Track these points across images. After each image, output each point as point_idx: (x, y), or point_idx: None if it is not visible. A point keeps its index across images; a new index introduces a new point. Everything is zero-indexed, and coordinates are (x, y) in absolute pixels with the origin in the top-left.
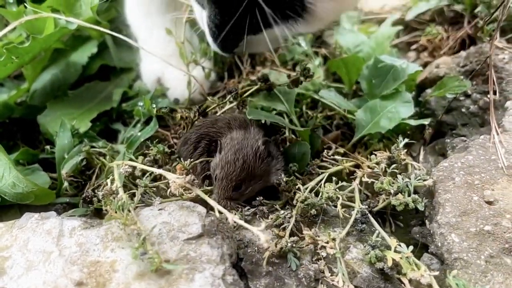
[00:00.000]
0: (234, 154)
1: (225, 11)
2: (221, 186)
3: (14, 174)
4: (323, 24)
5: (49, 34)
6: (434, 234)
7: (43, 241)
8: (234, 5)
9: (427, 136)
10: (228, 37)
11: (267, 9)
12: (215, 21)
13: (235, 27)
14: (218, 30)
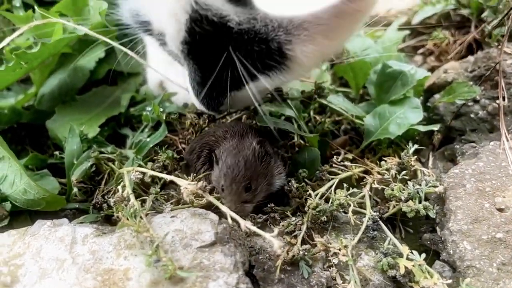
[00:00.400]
0: (234, 158)
1: (204, 68)
2: (231, 192)
3: (25, 180)
4: (306, 70)
5: (58, 40)
6: (446, 242)
7: (56, 248)
8: (212, 61)
9: (436, 141)
10: (211, 95)
11: (244, 62)
12: (196, 79)
13: (217, 83)
14: (200, 88)
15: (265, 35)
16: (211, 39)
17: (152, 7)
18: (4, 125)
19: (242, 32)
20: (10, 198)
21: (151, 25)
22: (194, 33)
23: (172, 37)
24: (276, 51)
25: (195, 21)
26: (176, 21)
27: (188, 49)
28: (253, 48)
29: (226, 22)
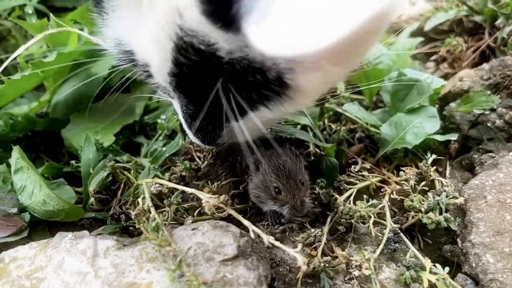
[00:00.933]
0: (277, 159)
1: (195, 100)
2: (291, 188)
3: (45, 191)
4: (312, 100)
5: (74, 49)
6: (468, 254)
7: (78, 261)
8: (203, 93)
9: (453, 150)
10: (206, 128)
11: (237, 94)
12: (188, 112)
13: (212, 115)
14: (193, 121)
15: (260, 64)
16: (200, 69)
17: (134, 35)
18: (18, 133)
19: (233, 62)
20: (28, 209)
21: (135, 55)
22: (181, 64)
23: (157, 69)
24: (275, 81)
25: (181, 50)
26: (161, 50)
27: (176, 81)
28: (247, 79)
29: (215, 51)
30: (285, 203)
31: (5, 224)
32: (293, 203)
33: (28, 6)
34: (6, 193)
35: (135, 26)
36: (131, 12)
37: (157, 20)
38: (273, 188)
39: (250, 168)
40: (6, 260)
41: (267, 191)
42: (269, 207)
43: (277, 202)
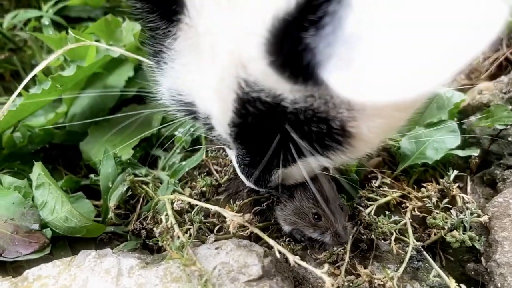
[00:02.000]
0: (313, 183)
1: (254, 150)
2: (333, 212)
3: (67, 208)
4: (372, 148)
5: (93, 63)
6: (493, 274)
7: (102, 281)
8: (263, 143)
9: (473, 166)
10: (259, 175)
11: (299, 144)
12: (245, 161)
13: (268, 163)
14: (249, 168)
15: (324, 113)
16: (262, 120)
17: (195, 86)
18: (36, 145)
19: (297, 112)
20: (50, 225)
21: (195, 107)
22: (243, 115)
23: (219, 120)
24: (338, 130)
25: (244, 102)
26: (222, 101)
27: (237, 132)
28: (310, 128)
29: (280, 101)
30: (327, 229)
31: (27, 241)
32: (335, 229)
33: (44, 18)
34: (27, 209)
35: (196, 76)
36: (192, 62)
37: (218, 71)
38: (312, 214)
39: (284, 195)
40: (30, 279)
41: (305, 218)
42: (308, 235)
43: (317, 229)
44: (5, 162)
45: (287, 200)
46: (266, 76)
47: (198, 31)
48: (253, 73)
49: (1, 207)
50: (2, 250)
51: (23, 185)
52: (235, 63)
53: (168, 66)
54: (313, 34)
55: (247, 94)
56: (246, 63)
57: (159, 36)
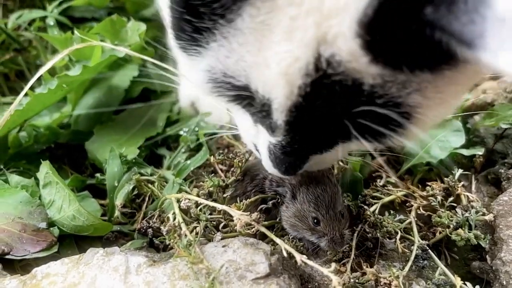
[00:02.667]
0: (316, 188)
1: (304, 137)
2: (331, 219)
3: (75, 207)
4: (423, 132)
5: (98, 62)
6: (498, 272)
7: (110, 278)
8: (319, 129)
9: (478, 165)
10: (292, 162)
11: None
12: (285, 149)
13: (308, 149)
14: (284, 157)
15: (398, 99)
16: (332, 104)
17: (255, 67)
18: (42, 145)
19: (373, 96)
20: (57, 223)
21: (248, 90)
22: (312, 98)
23: (280, 104)
24: (406, 115)
25: (318, 84)
26: (289, 84)
27: (296, 117)
28: (382, 114)
29: (359, 85)
30: (324, 235)
31: (35, 239)
32: (332, 236)
33: (49, 18)
34: (35, 207)
35: (257, 57)
36: (256, 41)
37: (292, 50)
38: (312, 218)
39: (287, 196)
40: (38, 277)
41: (304, 221)
42: (306, 238)
43: (315, 234)
44: (11, 162)
45: (289, 202)
46: (351, 56)
47: (276, 5)
48: (337, 52)
49: (9, 206)
50: (10, 249)
51: (30, 184)
52: (319, 40)
53: (216, 44)
54: (436, 10)
55: (325, 76)
56: (333, 40)
57: (214, 11)
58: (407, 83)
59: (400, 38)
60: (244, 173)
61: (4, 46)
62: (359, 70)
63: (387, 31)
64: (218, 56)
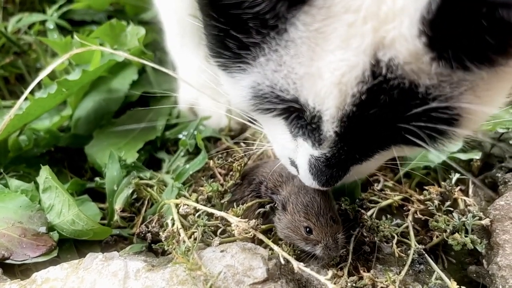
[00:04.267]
0: (306, 195)
1: (351, 148)
2: (322, 225)
3: (74, 212)
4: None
5: (98, 67)
6: (494, 276)
7: (110, 283)
8: (370, 138)
9: (475, 169)
10: (333, 174)
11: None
12: (329, 162)
13: (348, 161)
14: (326, 169)
15: (451, 99)
16: (388, 110)
17: (307, 78)
18: (42, 148)
19: (428, 98)
20: (57, 228)
21: (297, 103)
22: (367, 106)
23: (331, 115)
24: (457, 116)
25: (375, 90)
26: (342, 95)
27: (346, 127)
28: (435, 116)
29: (416, 88)
30: (318, 242)
31: (35, 244)
32: (325, 242)
33: (49, 21)
34: (35, 212)
35: (310, 68)
36: (309, 52)
37: (348, 58)
38: (304, 228)
39: (278, 207)
40: (38, 281)
41: (297, 232)
42: (301, 247)
43: (309, 242)
44: (11, 165)
45: (281, 213)
46: (416, 57)
47: (332, 12)
48: (399, 55)
49: (9, 210)
50: (10, 253)
51: (30, 188)
52: (376, 45)
53: (264, 59)
54: None
55: (383, 81)
56: (391, 44)
57: (265, 24)
58: (461, 82)
59: (465, 29)
60: (243, 177)
61: (4, 50)
62: (417, 71)
63: (452, 24)
64: (266, 71)
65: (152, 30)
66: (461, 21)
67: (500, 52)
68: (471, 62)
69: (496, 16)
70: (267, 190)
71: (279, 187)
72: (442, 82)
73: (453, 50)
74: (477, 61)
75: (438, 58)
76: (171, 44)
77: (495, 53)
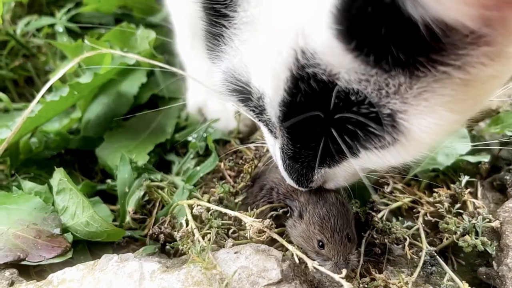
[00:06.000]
0: (323, 207)
1: (299, 140)
2: (336, 243)
3: (89, 213)
4: (423, 148)
5: (109, 70)
6: (504, 277)
7: (125, 284)
8: (307, 128)
9: (483, 171)
10: (300, 171)
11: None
12: (288, 152)
13: (308, 157)
14: (293, 163)
15: (376, 99)
16: (311, 101)
17: (251, 63)
18: (53, 150)
19: (348, 93)
20: (71, 229)
21: (250, 86)
22: (294, 93)
23: (270, 99)
24: (388, 120)
25: (297, 78)
26: (275, 78)
27: (285, 113)
28: (359, 113)
29: (334, 81)
30: (328, 259)
31: (50, 245)
32: (336, 261)
33: (58, 25)
34: (49, 214)
35: (253, 52)
36: (251, 37)
37: (276, 43)
38: (317, 241)
39: (294, 213)
40: (54, 282)
41: (309, 243)
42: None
43: (320, 256)
44: (22, 167)
45: (296, 220)
46: (327, 49)
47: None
48: (313, 46)
49: (23, 212)
50: (26, 255)
51: (43, 190)
52: (294, 35)
53: (226, 46)
54: None
55: (302, 68)
56: (310, 32)
57: (219, 13)
58: (383, 85)
59: (372, 22)
60: (253, 180)
61: (13, 52)
62: (332, 63)
63: (361, 16)
64: (230, 57)
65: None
66: (369, 14)
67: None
68: (384, 62)
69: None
70: (279, 195)
71: (293, 192)
72: (363, 81)
73: (366, 45)
74: (391, 62)
75: (353, 51)
76: (181, 46)
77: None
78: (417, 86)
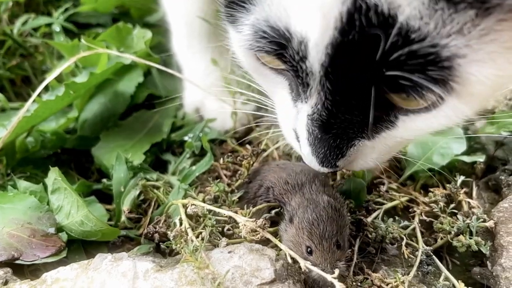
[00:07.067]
0: (313, 212)
1: (345, 94)
2: (324, 250)
3: (83, 213)
4: (477, 102)
5: (105, 69)
6: (499, 277)
7: (119, 283)
8: (360, 83)
9: (479, 171)
10: (331, 144)
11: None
12: (323, 117)
13: (350, 124)
14: (322, 133)
15: (438, 39)
16: (365, 39)
17: (292, 7)
18: (49, 150)
19: (408, 30)
20: (65, 229)
21: (288, 31)
22: (347, 31)
23: (316, 41)
24: (445, 62)
25: (354, 12)
26: (324, 17)
27: (331, 57)
28: (416, 53)
29: (396, 14)
30: (315, 265)
31: (44, 244)
32: (323, 268)
33: (55, 24)
34: (43, 213)
35: None
36: None
37: None
38: (305, 247)
39: (285, 218)
40: (48, 282)
41: (298, 248)
42: None
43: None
44: (18, 167)
45: (287, 224)
46: None
47: None
48: None
49: (18, 211)
50: (20, 254)
51: (38, 189)
52: None
53: None
54: None
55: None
56: None
57: None
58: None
59: None
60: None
61: (10, 52)
62: None
63: None
64: (261, 6)
65: (157, 33)
66: None
67: None
68: None
69: None
70: (275, 196)
71: (285, 195)
72: (425, 16)
73: None
74: None
75: None
76: (178, 46)
77: None
78: (481, 27)
